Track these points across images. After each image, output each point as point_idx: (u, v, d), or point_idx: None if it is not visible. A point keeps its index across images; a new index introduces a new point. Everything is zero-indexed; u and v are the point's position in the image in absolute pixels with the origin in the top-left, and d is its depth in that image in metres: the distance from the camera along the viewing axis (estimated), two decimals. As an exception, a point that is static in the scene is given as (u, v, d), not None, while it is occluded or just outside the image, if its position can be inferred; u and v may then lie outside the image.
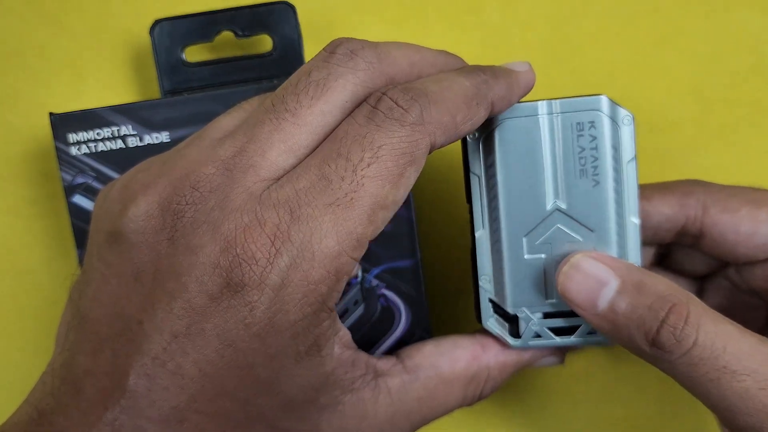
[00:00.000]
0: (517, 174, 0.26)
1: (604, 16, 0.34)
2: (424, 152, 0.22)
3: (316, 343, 0.22)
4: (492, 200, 0.26)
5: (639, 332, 0.24)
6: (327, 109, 0.22)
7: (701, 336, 0.23)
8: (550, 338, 0.27)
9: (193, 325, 0.21)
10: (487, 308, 0.28)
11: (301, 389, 0.23)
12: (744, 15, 0.33)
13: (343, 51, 0.23)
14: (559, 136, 0.26)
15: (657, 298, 0.24)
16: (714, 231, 0.27)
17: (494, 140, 0.26)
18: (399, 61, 0.24)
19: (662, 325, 0.23)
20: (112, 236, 0.23)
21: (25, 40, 0.35)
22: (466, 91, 0.23)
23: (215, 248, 0.21)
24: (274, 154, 0.22)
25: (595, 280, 0.25)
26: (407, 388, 0.26)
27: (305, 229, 0.21)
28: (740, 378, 0.23)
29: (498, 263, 0.27)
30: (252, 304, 0.21)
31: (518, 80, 0.25)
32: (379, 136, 0.21)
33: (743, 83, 0.33)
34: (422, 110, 0.22)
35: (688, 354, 0.23)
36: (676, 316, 0.23)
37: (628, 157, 0.26)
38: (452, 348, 0.27)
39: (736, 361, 0.23)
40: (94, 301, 0.23)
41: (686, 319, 0.23)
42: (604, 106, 0.25)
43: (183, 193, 0.22)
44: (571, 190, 0.26)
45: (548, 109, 0.25)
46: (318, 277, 0.21)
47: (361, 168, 0.21)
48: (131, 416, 0.20)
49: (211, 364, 0.21)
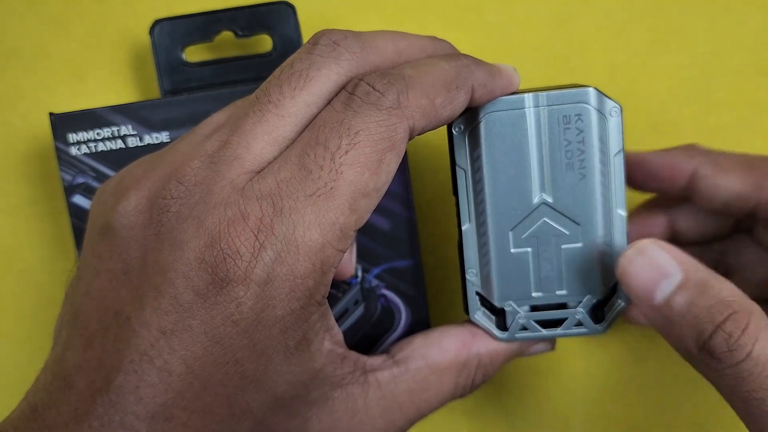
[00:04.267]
0: (504, 167, 0.26)
1: (604, 16, 0.34)
2: (403, 137, 0.22)
3: (305, 338, 0.22)
4: (478, 194, 0.26)
5: (692, 332, 0.22)
6: (310, 100, 0.22)
7: (757, 349, 0.21)
8: (536, 331, 0.27)
9: (180, 322, 0.21)
10: (474, 301, 0.27)
11: (290, 385, 0.22)
12: (744, 15, 0.33)
13: (325, 42, 0.23)
14: (545, 129, 0.25)
15: (718, 301, 0.22)
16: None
17: (480, 133, 0.26)
18: (384, 48, 0.23)
19: (717, 329, 0.22)
20: (103, 231, 0.23)
21: (25, 40, 0.35)
22: (445, 74, 0.23)
23: (200, 243, 0.21)
24: (259, 146, 0.22)
25: (658, 269, 0.23)
26: (397, 380, 0.25)
27: (288, 221, 0.21)
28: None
29: (485, 257, 0.27)
30: (238, 299, 0.20)
31: (500, 71, 0.25)
32: (356, 122, 0.21)
33: (743, 83, 0.33)
34: (399, 94, 0.22)
35: (738, 366, 0.21)
36: (734, 323, 0.22)
37: (615, 149, 0.26)
38: (441, 337, 0.27)
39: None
40: (85, 296, 0.23)
41: (745, 328, 0.22)
42: (591, 98, 0.25)
43: (169, 188, 0.22)
44: (557, 184, 0.26)
45: (535, 101, 0.25)
46: (304, 270, 0.21)
47: (339, 155, 0.21)
48: (120, 412, 0.20)
49: (199, 361, 0.21)
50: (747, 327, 0.21)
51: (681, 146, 0.29)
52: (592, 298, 0.27)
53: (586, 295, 0.27)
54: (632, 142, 0.33)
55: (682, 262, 0.23)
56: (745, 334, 0.21)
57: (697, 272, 0.23)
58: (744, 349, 0.21)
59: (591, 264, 0.26)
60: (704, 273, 0.23)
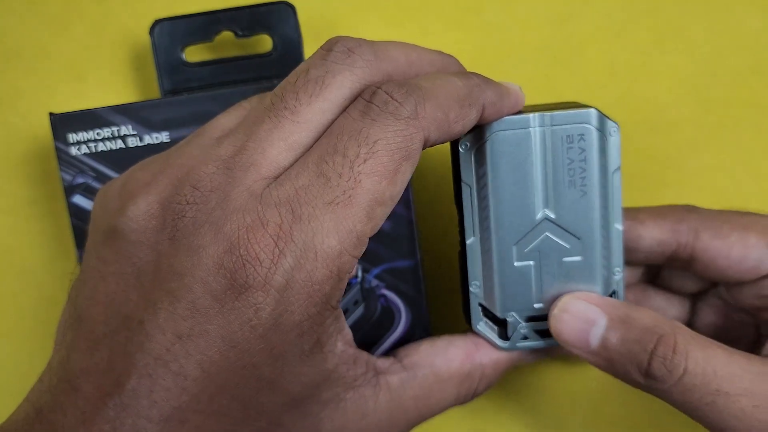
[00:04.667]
0: (508, 185, 0.26)
1: (603, 16, 0.34)
2: (418, 147, 0.22)
3: (319, 341, 0.22)
4: (483, 210, 0.27)
5: (632, 366, 0.25)
6: (326, 107, 0.22)
7: (690, 363, 0.24)
8: (537, 340, 0.28)
9: (197, 326, 0.21)
10: (477, 312, 0.28)
11: (304, 386, 0.23)
12: (744, 15, 0.33)
13: (340, 48, 0.23)
14: (549, 149, 0.26)
15: (644, 331, 0.25)
16: (705, 256, 0.28)
17: (486, 151, 0.26)
18: (396, 58, 0.24)
19: (652, 356, 0.24)
20: (110, 235, 0.23)
21: (26, 41, 0.35)
22: (459, 90, 0.23)
23: (218, 249, 0.21)
24: (275, 152, 0.22)
25: (584, 319, 0.26)
26: (405, 386, 0.26)
27: (307, 228, 0.21)
28: (734, 399, 0.23)
29: (488, 270, 0.27)
30: (257, 305, 0.21)
31: (509, 91, 0.25)
32: (374, 131, 0.21)
33: (743, 83, 0.33)
34: (417, 104, 0.22)
35: (681, 381, 0.24)
36: (664, 347, 0.24)
37: (613, 167, 0.27)
38: (447, 347, 0.27)
39: (728, 383, 0.24)
40: (90, 300, 0.23)
41: (674, 348, 0.24)
42: (593, 119, 0.26)
43: (183, 193, 0.22)
44: (559, 200, 0.26)
45: (540, 121, 0.26)
46: (321, 277, 0.21)
47: (357, 164, 0.21)
48: (132, 415, 0.20)
49: (215, 365, 0.21)
50: (676, 346, 0.24)
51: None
52: None
53: None
54: (632, 142, 0.33)
55: (602, 305, 0.26)
56: (677, 353, 0.24)
57: (617, 310, 0.26)
58: (680, 366, 0.24)
59: (590, 276, 0.27)
60: (624, 308, 0.26)
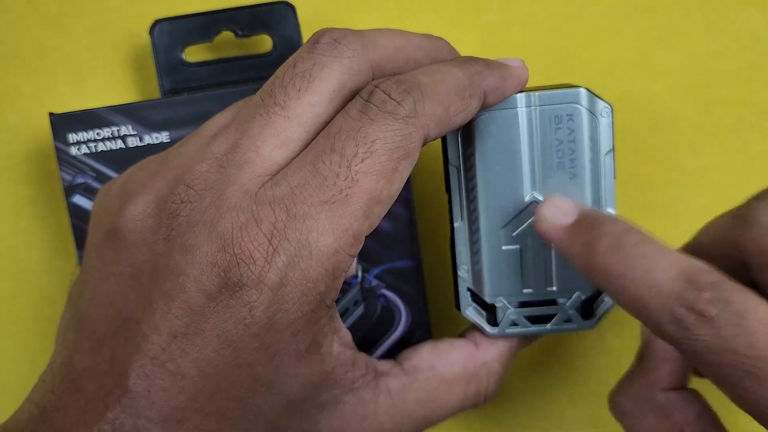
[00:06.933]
0: (496, 166, 0.26)
1: (603, 15, 0.34)
2: (417, 145, 0.22)
3: (315, 341, 0.22)
4: (470, 192, 0.27)
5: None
6: (315, 101, 0.22)
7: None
8: (526, 326, 0.28)
9: (192, 325, 0.21)
10: (466, 297, 0.28)
11: (301, 387, 0.23)
12: (744, 15, 0.33)
13: (326, 40, 0.23)
14: (537, 129, 0.26)
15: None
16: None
17: (473, 132, 0.26)
18: (384, 46, 0.23)
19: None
20: (110, 235, 0.23)
21: (25, 40, 0.35)
22: (459, 82, 0.23)
23: (212, 247, 0.21)
24: (267, 148, 0.22)
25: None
26: (407, 389, 0.26)
27: (302, 227, 0.21)
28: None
29: (476, 254, 0.27)
30: (251, 303, 0.21)
31: (511, 73, 0.25)
32: (372, 131, 0.21)
33: (743, 83, 0.33)
34: (415, 103, 0.22)
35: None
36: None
37: (605, 149, 0.26)
38: (449, 349, 0.27)
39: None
40: (92, 300, 0.23)
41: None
42: (582, 98, 0.25)
43: (178, 192, 0.22)
44: (548, 183, 0.26)
45: (527, 101, 0.26)
46: (316, 275, 0.21)
47: (355, 164, 0.21)
48: (132, 416, 0.20)
49: (211, 364, 0.21)
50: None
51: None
52: (582, 295, 0.27)
53: (576, 292, 0.27)
54: (632, 142, 0.33)
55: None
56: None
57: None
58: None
59: None
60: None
